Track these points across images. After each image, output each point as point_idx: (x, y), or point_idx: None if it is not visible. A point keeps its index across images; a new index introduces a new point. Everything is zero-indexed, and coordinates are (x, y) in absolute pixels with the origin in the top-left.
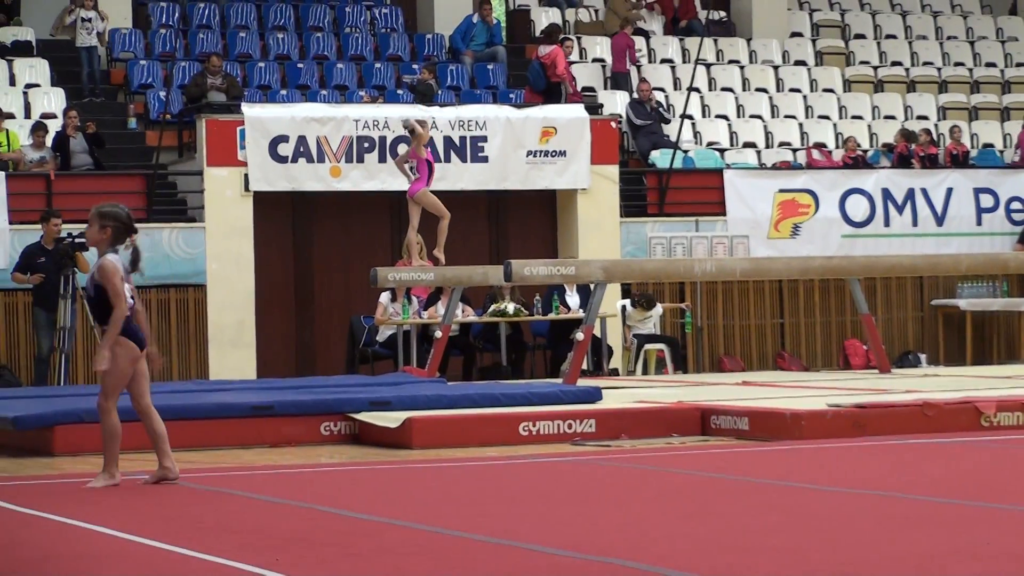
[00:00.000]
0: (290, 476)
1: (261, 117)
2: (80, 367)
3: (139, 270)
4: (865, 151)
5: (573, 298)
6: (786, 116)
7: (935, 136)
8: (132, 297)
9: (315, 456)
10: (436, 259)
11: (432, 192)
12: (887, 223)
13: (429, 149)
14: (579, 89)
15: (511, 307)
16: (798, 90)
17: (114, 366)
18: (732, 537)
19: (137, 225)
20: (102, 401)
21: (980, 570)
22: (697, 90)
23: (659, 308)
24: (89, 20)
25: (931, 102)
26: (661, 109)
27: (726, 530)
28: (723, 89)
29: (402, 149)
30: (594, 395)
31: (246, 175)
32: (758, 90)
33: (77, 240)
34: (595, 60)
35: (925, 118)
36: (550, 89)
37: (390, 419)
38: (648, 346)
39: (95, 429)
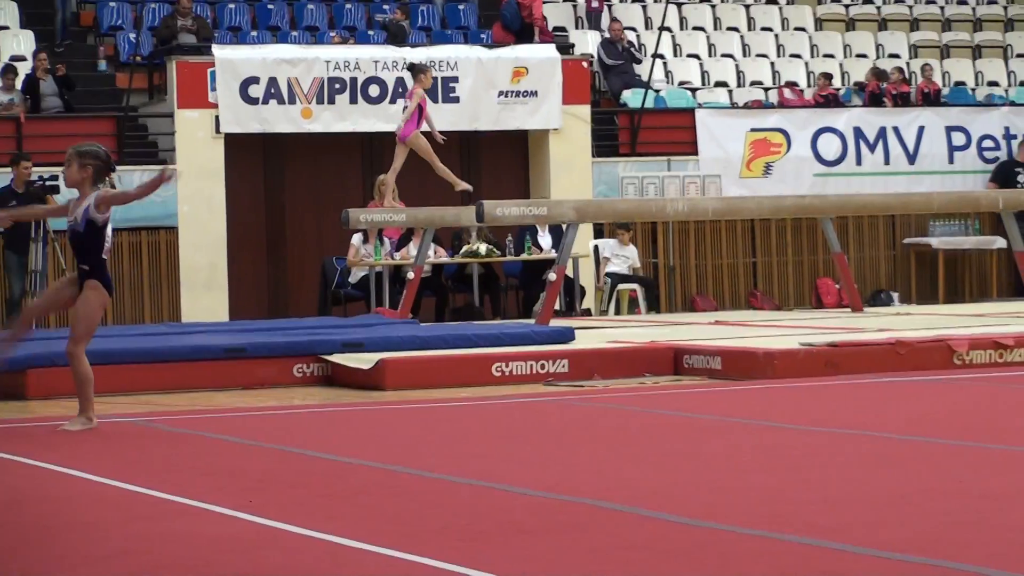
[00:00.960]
0: (263, 418)
1: (232, 59)
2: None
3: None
4: (837, 89)
5: (545, 238)
6: (757, 55)
7: (907, 74)
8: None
9: (288, 398)
10: (467, 191)
11: None
12: (859, 162)
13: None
14: (550, 29)
15: (483, 248)
16: (769, 29)
17: (87, 311)
18: (707, 477)
19: None
20: (71, 347)
21: (953, 506)
22: (668, 29)
23: (634, 250)
24: None
25: (903, 40)
26: (632, 49)
27: (701, 470)
28: (694, 28)
29: (373, 90)
30: (567, 335)
31: (217, 117)
32: (729, 29)
33: (48, 183)
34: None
35: (896, 56)
36: (523, 29)
37: (363, 360)
38: (621, 286)
39: (68, 372)
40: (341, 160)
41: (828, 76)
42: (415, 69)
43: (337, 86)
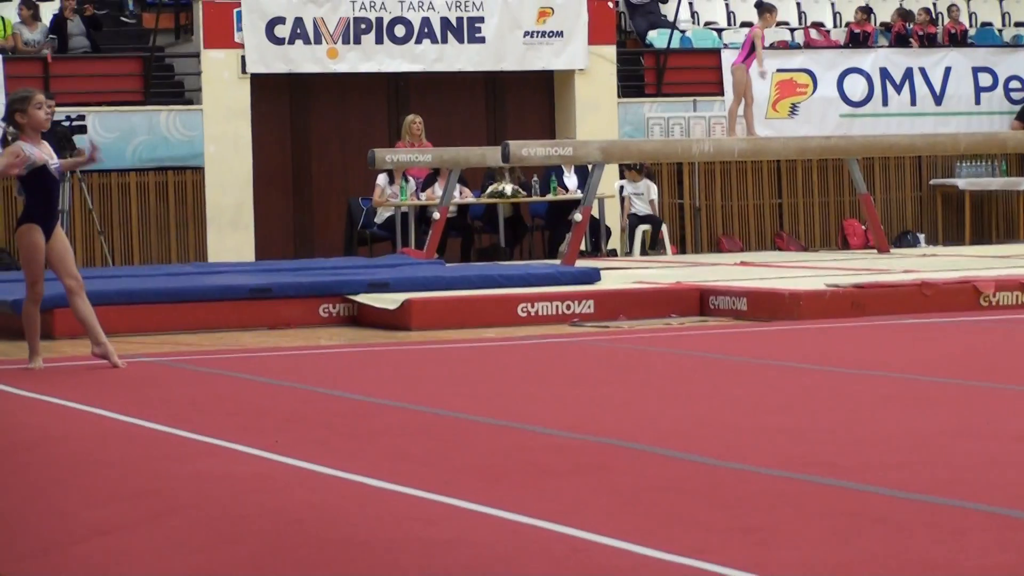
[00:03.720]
0: (289, 358)
1: None
2: (78, 250)
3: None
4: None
5: (571, 179)
6: None
7: (933, 15)
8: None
9: (314, 338)
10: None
11: (432, 72)
12: (885, 103)
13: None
14: None
15: (509, 188)
16: None
17: (24, 253)
18: (731, 418)
19: (135, 108)
20: (30, 293)
21: (981, 448)
22: None
23: (653, 188)
24: None
25: None
26: None
27: (725, 411)
28: None
29: (399, 30)
30: (592, 276)
31: (243, 57)
32: None
33: (75, 123)
34: None
35: None
36: None
37: (388, 301)
38: (642, 226)
39: (98, 310)
40: (367, 100)
41: (866, 10)
42: (761, 8)
43: (363, 26)
